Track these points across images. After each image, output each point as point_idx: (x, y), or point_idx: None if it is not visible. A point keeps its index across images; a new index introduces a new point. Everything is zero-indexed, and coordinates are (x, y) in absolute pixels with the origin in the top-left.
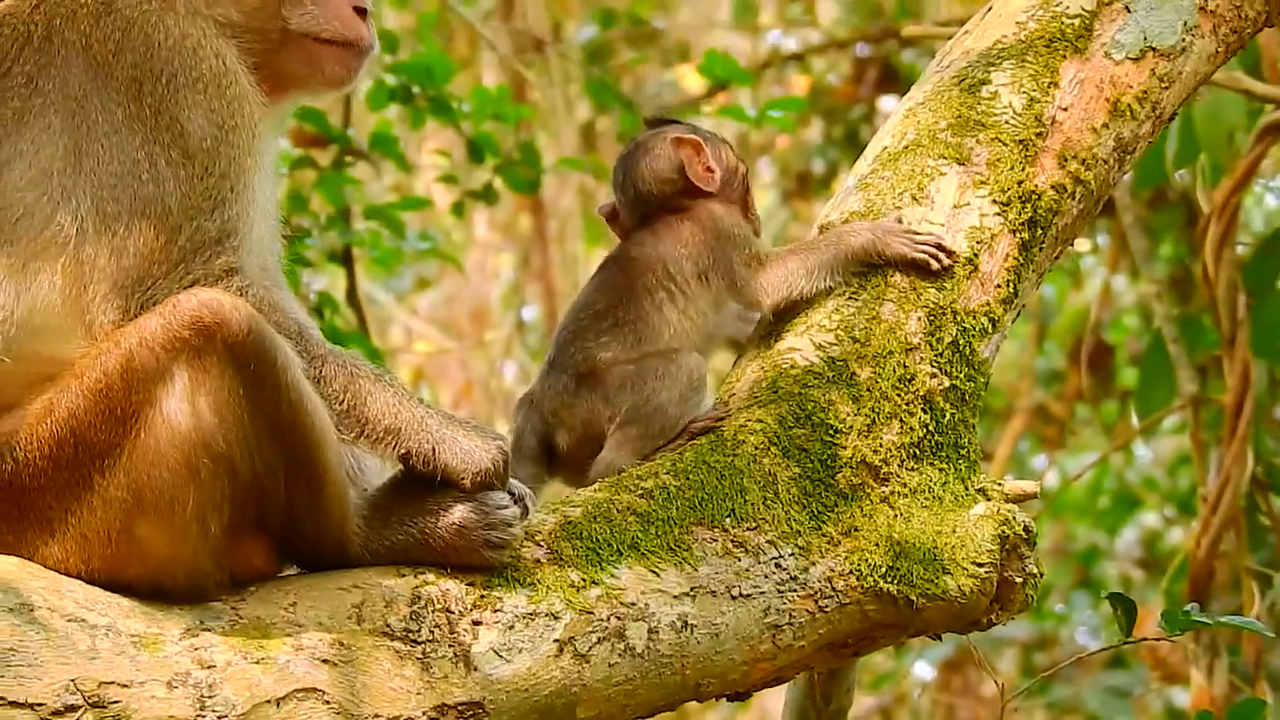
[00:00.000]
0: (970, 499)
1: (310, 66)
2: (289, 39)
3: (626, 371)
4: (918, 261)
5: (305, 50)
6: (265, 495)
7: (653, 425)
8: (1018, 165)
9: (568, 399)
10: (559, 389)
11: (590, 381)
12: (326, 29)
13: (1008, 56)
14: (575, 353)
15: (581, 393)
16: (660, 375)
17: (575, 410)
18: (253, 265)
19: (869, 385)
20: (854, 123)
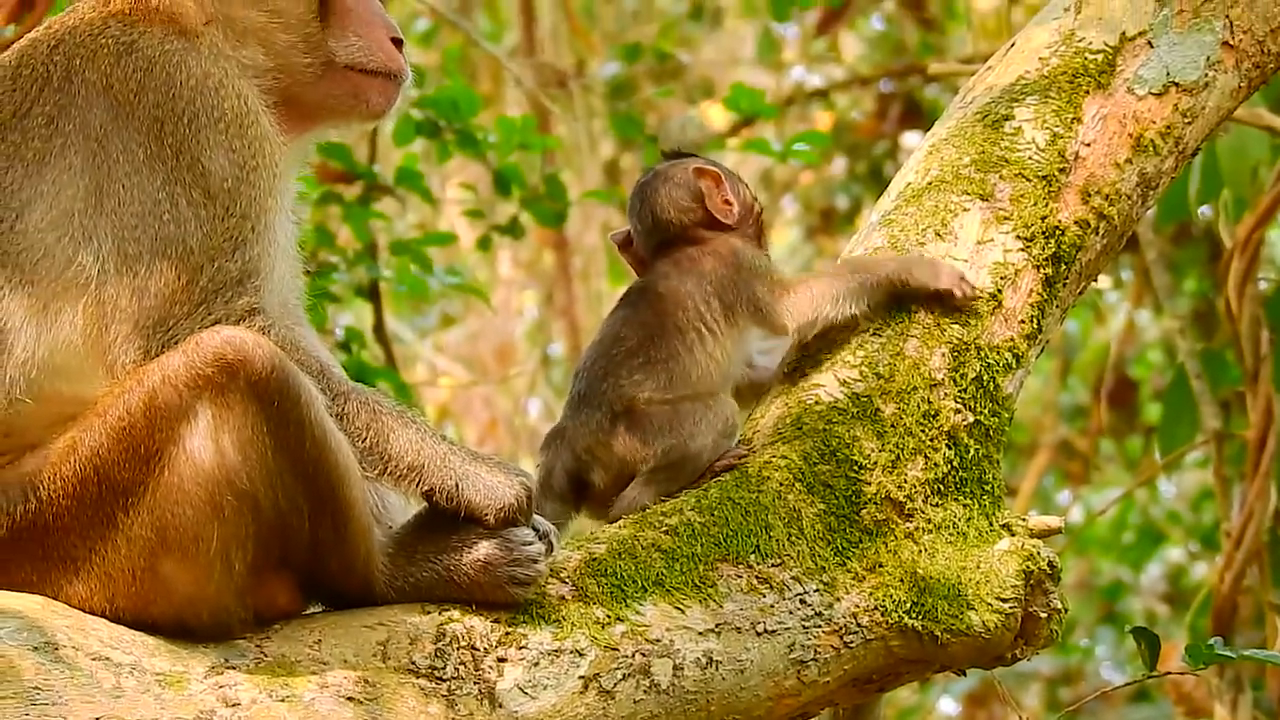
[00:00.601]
0: (995, 534)
1: (355, 98)
2: (331, 71)
3: (665, 413)
4: (941, 292)
5: (349, 82)
6: (289, 532)
7: (684, 469)
8: (1041, 201)
9: (603, 437)
10: (593, 426)
11: (627, 420)
12: (372, 60)
13: (1031, 92)
14: (608, 390)
15: (618, 431)
16: (698, 420)
17: (613, 449)
18: (274, 305)
19: (893, 421)
20: (878, 159)
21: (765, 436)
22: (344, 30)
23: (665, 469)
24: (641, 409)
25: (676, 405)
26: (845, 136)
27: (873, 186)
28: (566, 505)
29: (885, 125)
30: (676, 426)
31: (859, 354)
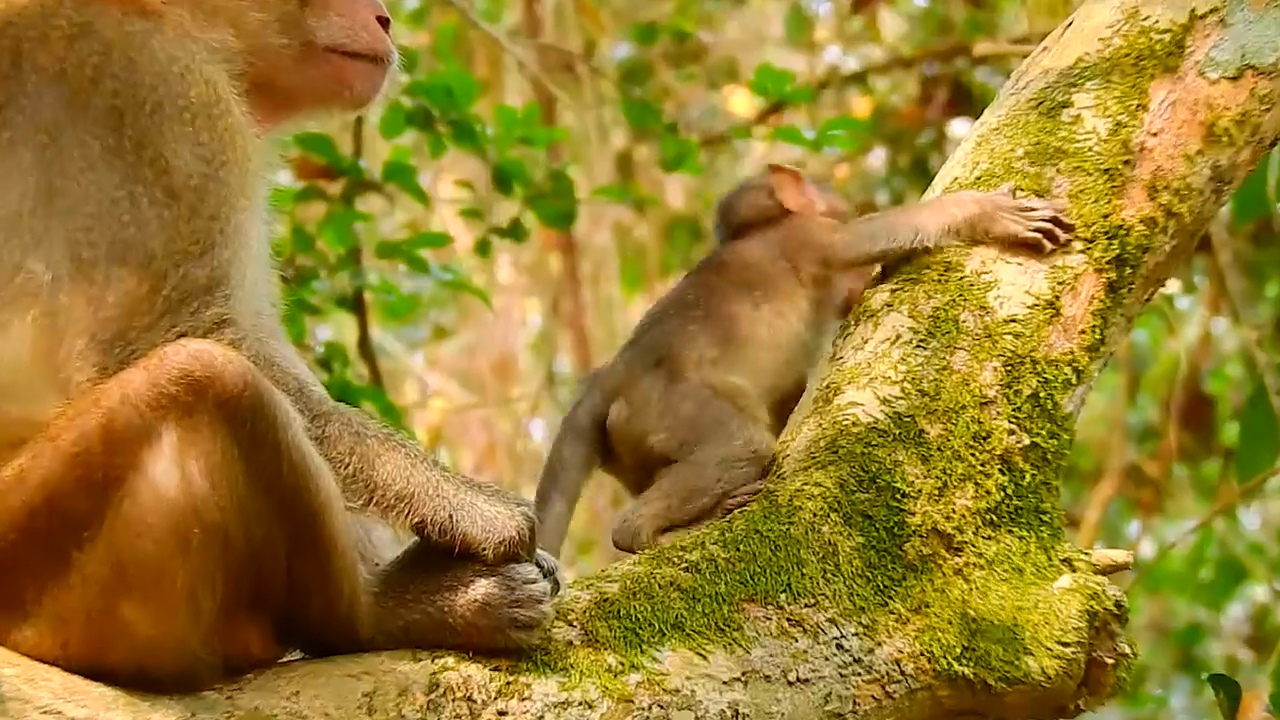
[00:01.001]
0: (1054, 570)
1: (337, 84)
2: (311, 54)
3: (698, 396)
4: (1029, 242)
5: (331, 66)
6: (264, 570)
7: (685, 479)
8: (1103, 197)
9: (636, 375)
10: (629, 362)
11: (668, 371)
12: (356, 41)
13: (1091, 76)
14: (658, 334)
15: (652, 376)
16: (720, 424)
17: (638, 388)
18: (246, 316)
19: (939, 444)
20: (922, 149)
21: (797, 461)
22: (325, 8)
23: (665, 479)
24: (682, 367)
25: (713, 400)
26: (885, 125)
27: (916, 180)
28: (589, 451)
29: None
30: (697, 422)
31: (901, 368)
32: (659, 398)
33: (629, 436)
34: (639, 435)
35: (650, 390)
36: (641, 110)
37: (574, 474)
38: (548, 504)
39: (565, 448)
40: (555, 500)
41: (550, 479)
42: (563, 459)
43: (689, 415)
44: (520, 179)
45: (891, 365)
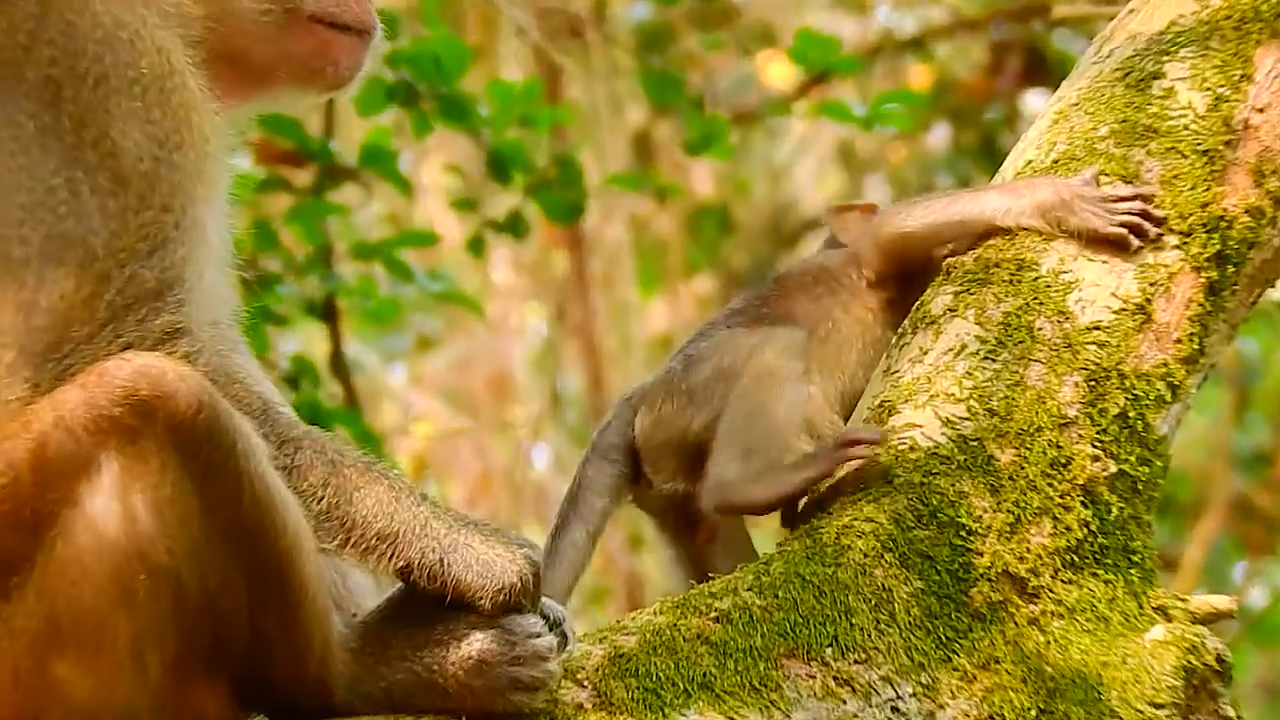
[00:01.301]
0: (1145, 620)
1: (321, 59)
2: (294, 23)
3: (714, 353)
4: (1111, 238)
5: (315, 39)
6: (222, 622)
7: (738, 424)
8: (1201, 183)
9: (665, 378)
10: (661, 373)
11: (698, 365)
12: (346, 12)
13: (1186, 43)
14: (699, 344)
15: (683, 374)
16: (749, 352)
17: (662, 389)
18: (203, 324)
19: (1011, 472)
20: (990, 127)
21: (844, 493)
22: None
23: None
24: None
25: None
26: (948, 98)
27: (983, 163)
28: (615, 470)
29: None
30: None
31: (966, 384)
32: (681, 384)
33: (666, 445)
34: (677, 436)
35: (672, 384)
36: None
37: (598, 499)
38: (565, 532)
39: (589, 468)
40: (574, 528)
41: (570, 504)
42: (586, 481)
43: (712, 370)
44: (520, 165)
45: (955, 380)
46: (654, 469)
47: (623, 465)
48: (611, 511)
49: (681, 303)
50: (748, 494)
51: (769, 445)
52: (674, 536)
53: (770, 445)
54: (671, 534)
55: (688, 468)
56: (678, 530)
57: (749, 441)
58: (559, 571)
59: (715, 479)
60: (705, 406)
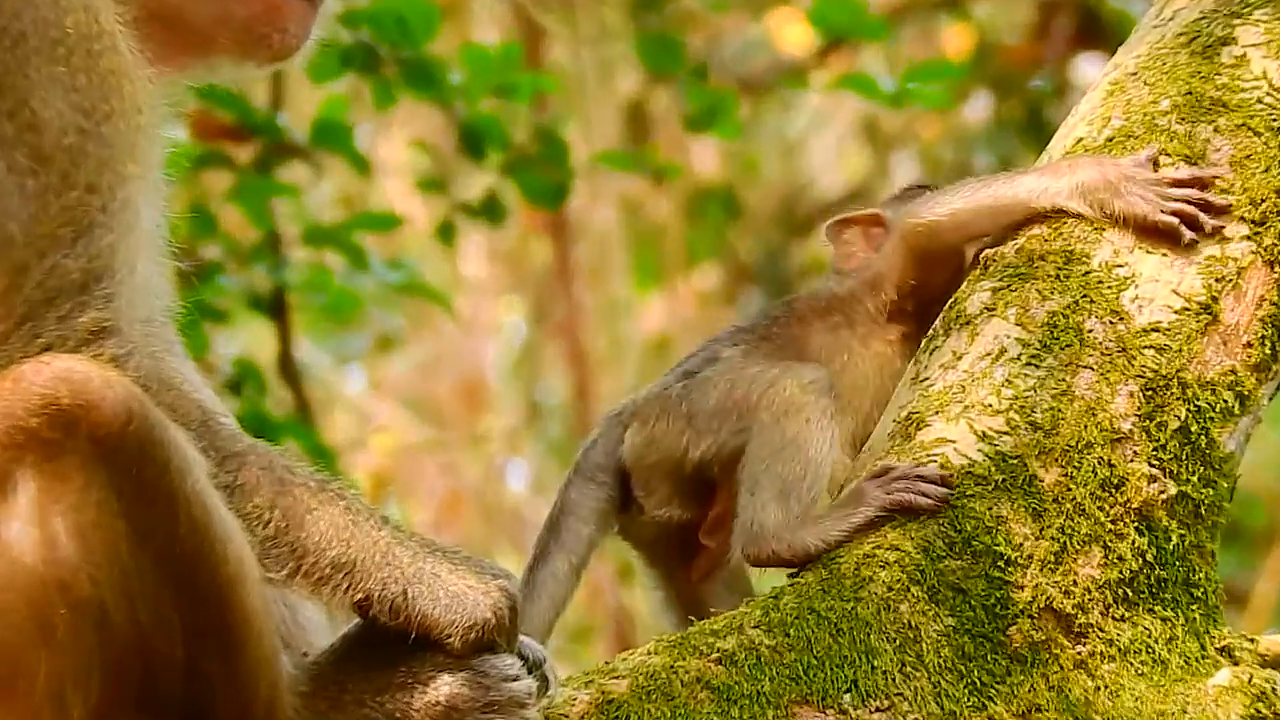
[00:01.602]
0: (1209, 663)
1: (265, 23)
2: None
3: (723, 377)
4: (1161, 226)
5: (261, 1)
6: (154, 661)
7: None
8: (1276, 165)
9: (662, 395)
10: (660, 387)
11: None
12: None
13: (1261, 3)
14: (702, 358)
15: (684, 394)
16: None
17: (655, 404)
18: (134, 322)
19: (1057, 494)
20: (1036, 99)
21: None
22: None
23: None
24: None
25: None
26: (988, 65)
27: (1029, 140)
28: (601, 493)
29: (1047, 49)
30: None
31: (1006, 393)
32: (680, 408)
33: (659, 466)
34: (673, 459)
35: (670, 403)
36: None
37: (583, 525)
38: (545, 562)
39: (573, 491)
40: (555, 558)
41: (551, 531)
42: (569, 505)
43: (720, 399)
44: (496, 140)
45: (993, 389)
46: (645, 491)
47: (610, 489)
48: (598, 540)
49: (681, 299)
50: (795, 544)
51: (807, 488)
52: (666, 573)
53: (808, 487)
54: (663, 570)
55: (683, 494)
56: (670, 566)
57: (785, 484)
58: (538, 606)
59: (753, 524)
60: (708, 435)
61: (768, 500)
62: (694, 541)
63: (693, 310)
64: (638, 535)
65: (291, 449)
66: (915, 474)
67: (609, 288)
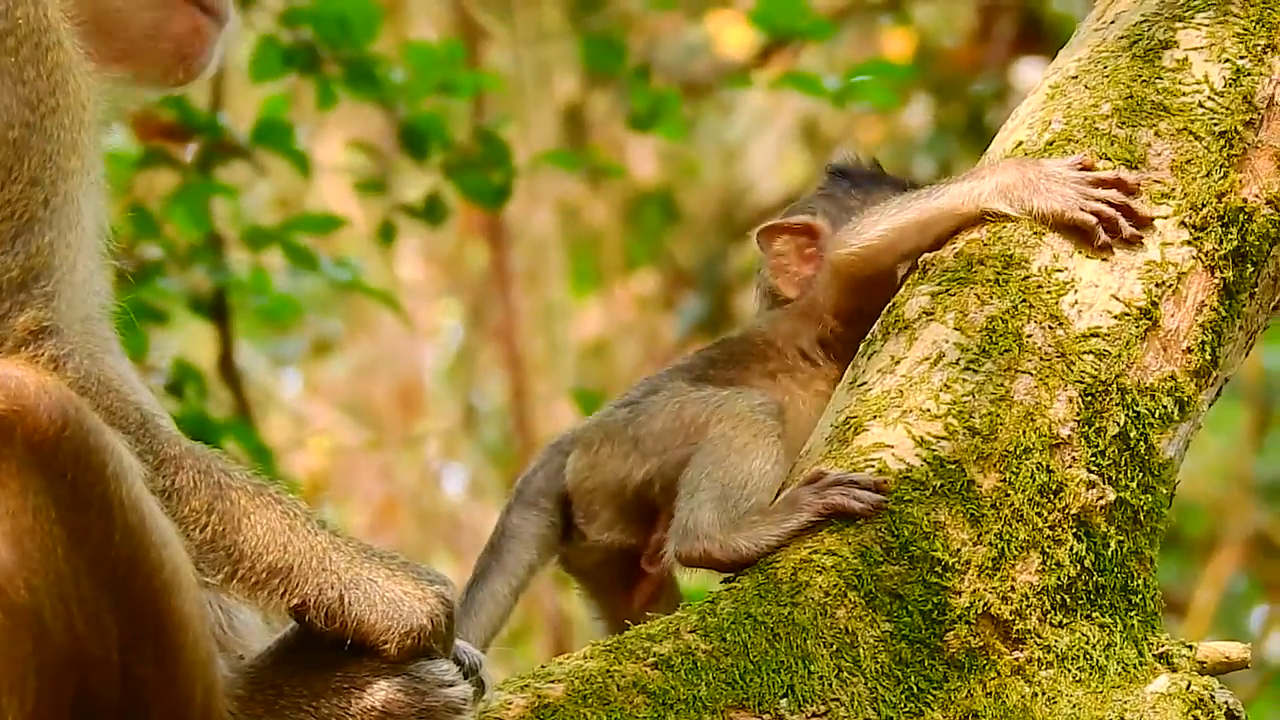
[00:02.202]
0: (1147, 669)
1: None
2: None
3: (669, 403)
4: (1077, 223)
5: (188, 20)
6: (90, 667)
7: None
8: (1217, 170)
9: (605, 421)
10: (603, 414)
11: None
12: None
13: (1203, 7)
14: (646, 390)
15: (630, 419)
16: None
17: (598, 431)
18: (73, 322)
19: (995, 500)
20: (977, 102)
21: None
22: None
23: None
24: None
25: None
26: (929, 68)
27: (972, 144)
28: (542, 518)
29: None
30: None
31: (944, 398)
32: (626, 431)
33: (601, 490)
34: (616, 481)
35: (614, 428)
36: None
37: (524, 550)
38: (484, 583)
39: (514, 516)
40: (494, 579)
41: (492, 554)
42: (510, 529)
43: (668, 420)
44: (438, 140)
45: (931, 394)
46: (587, 517)
47: (552, 515)
48: (538, 566)
49: (618, 303)
50: (728, 544)
51: (745, 494)
52: (606, 601)
53: (746, 494)
54: (604, 598)
55: (626, 519)
56: (612, 595)
57: (724, 488)
58: (473, 625)
59: (687, 523)
60: (654, 456)
61: (704, 501)
62: (635, 570)
63: (630, 314)
64: (579, 565)
65: (232, 451)
66: (849, 479)
67: (546, 292)
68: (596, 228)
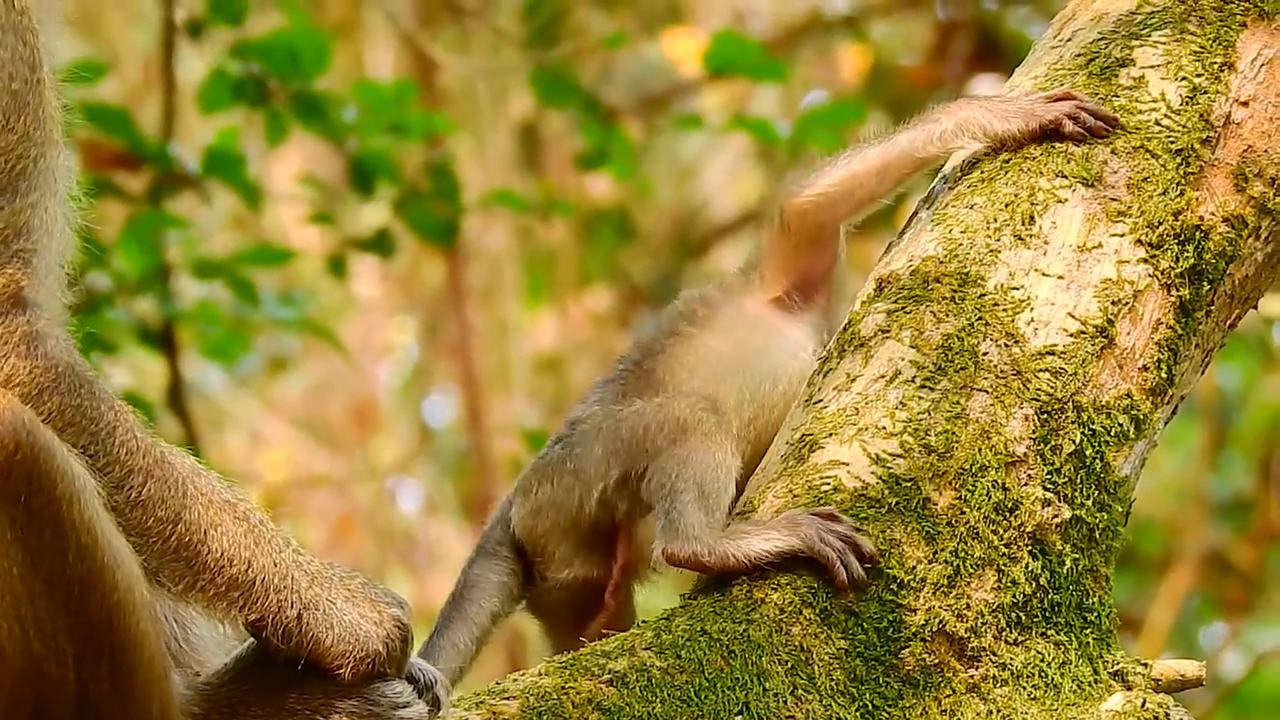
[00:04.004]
0: (1102, 687)
1: None
2: None
3: (603, 422)
4: (1046, 126)
5: None
6: (46, 687)
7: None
8: (1174, 188)
9: (541, 464)
10: (538, 459)
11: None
12: None
13: (1160, 25)
14: (573, 423)
15: (565, 455)
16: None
17: (538, 472)
18: (50, 298)
19: (951, 517)
20: None
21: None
22: None
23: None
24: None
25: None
26: (886, 86)
27: None
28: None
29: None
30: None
31: (900, 415)
32: (565, 466)
33: (553, 530)
34: (568, 518)
35: (551, 466)
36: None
37: (486, 600)
38: (446, 631)
39: (475, 569)
40: (456, 628)
41: (454, 605)
42: (472, 580)
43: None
44: (387, 175)
45: (887, 412)
46: (544, 559)
47: (513, 563)
48: (501, 616)
49: (573, 320)
50: (718, 550)
51: (720, 492)
52: (566, 635)
53: (720, 491)
54: (564, 633)
55: (584, 552)
56: (574, 626)
57: (701, 487)
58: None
59: (677, 522)
60: (599, 480)
61: (689, 501)
62: (598, 603)
63: (585, 332)
64: (542, 605)
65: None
66: (855, 540)
67: (501, 309)
68: (551, 244)
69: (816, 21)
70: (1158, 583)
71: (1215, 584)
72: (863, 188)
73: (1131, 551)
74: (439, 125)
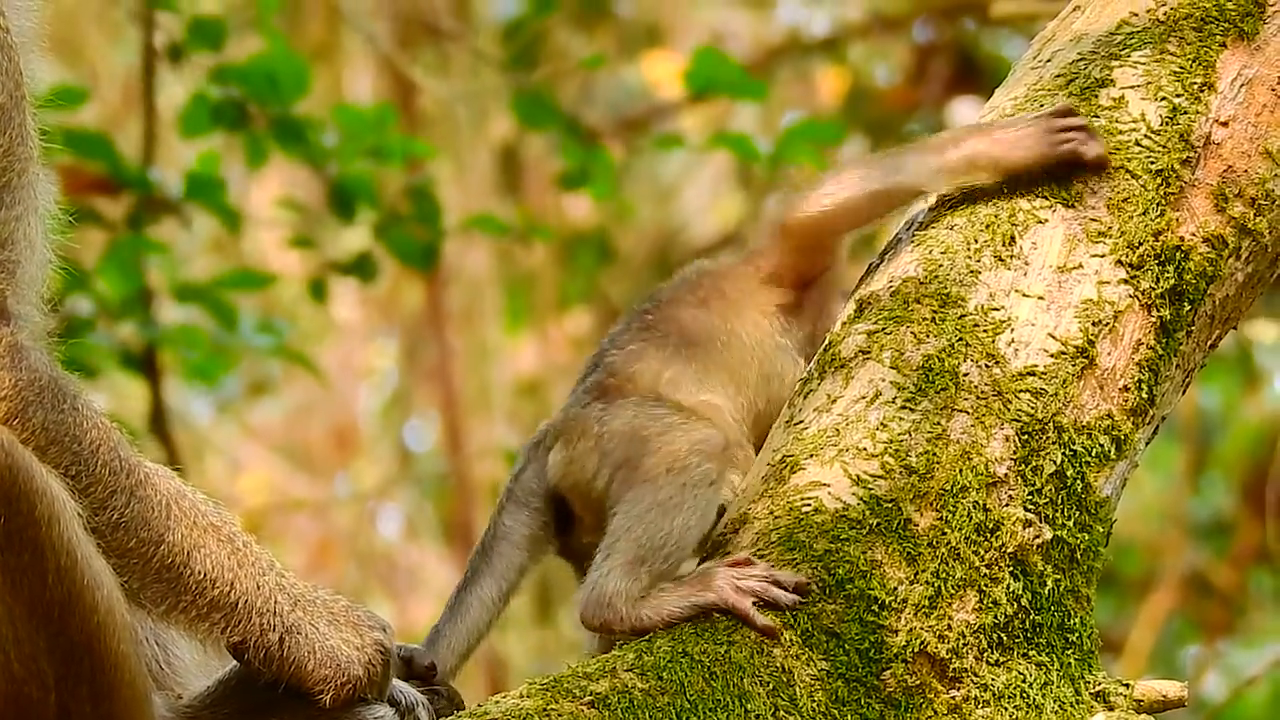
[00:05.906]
0: (1084, 708)
1: None
2: None
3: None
4: (1064, 157)
5: None
6: (28, 707)
7: (637, 512)
8: (1154, 208)
9: (576, 410)
10: (572, 400)
11: (608, 395)
12: None
13: (1139, 45)
14: (603, 359)
15: (594, 405)
16: (660, 430)
17: (578, 424)
18: (32, 311)
19: (932, 538)
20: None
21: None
22: None
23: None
24: (625, 393)
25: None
26: (864, 108)
27: None
28: (533, 517)
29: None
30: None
31: (881, 436)
32: (597, 428)
33: (577, 485)
34: (585, 484)
35: (590, 422)
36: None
37: (515, 551)
38: (473, 586)
39: (506, 517)
40: (484, 582)
41: (482, 556)
42: (501, 531)
43: (622, 432)
44: (367, 200)
45: (868, 433)
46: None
47: (544, 514)
48: (529, 567)
49: (553, 343)
50: (629, 614)
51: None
52: None
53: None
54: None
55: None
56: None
57: (641, 551)
58: (457, 629)
59: (596, 588)
60: (607, 468)
61: (616, 566)
62: None
63: (565, 355)
64: (578, 551)
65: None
66: (772, 577)
67: (481, 332)
68: (531, 267)
69: (795, 43)
70: (1139, 604)
71: (1196, 605)
72: (862, 212)
73: (1113, 572)
74: (419, 150)
